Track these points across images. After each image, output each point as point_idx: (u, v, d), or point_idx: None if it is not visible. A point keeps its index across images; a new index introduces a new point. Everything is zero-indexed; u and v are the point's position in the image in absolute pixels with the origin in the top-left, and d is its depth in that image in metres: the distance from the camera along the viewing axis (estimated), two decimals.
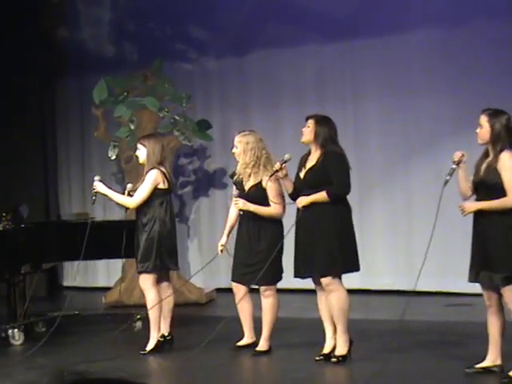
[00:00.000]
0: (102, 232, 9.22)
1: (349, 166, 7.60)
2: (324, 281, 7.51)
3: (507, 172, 6.58)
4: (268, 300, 8.05)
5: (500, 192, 6.60)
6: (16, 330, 8.89)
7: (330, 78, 11.99)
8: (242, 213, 8.07)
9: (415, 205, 11.48)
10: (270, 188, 7.95)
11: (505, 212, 6.60)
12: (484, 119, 6.74)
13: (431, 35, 11.32)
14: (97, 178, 8.53)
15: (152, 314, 8.29)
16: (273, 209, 7.95)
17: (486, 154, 6.78)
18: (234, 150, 8.13)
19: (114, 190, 8.84)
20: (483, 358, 6.88)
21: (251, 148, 7.99)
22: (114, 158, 12.14)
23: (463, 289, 9.82)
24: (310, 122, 7.65)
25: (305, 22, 12.01)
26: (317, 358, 7.63)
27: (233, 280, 8.22)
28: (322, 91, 11.95)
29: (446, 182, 6.84)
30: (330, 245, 7.43)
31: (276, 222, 8.02)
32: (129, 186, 8.57)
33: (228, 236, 8.30)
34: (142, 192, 8.26)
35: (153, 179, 8.25)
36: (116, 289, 11.78)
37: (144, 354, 8.21)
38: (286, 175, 7.68)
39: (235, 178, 8.20)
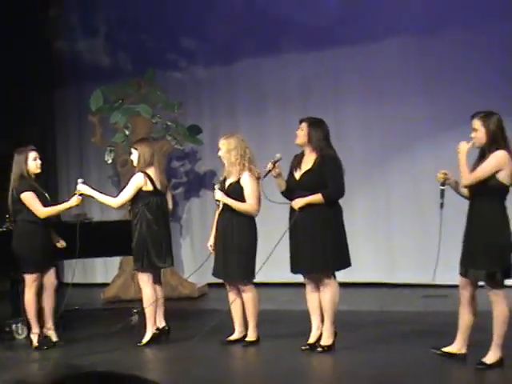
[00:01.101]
0: (99, 231, 9.18)
1: (343, 169, 7.57)
2: (320, 277, 7.51)
3: (487, 162, 6.50)
4: (247, 294, 8.04)
5: (497, 191, 6.53)
6: (20, 325, 8.88)
7: (312, 84, 11.98)
8: (218, 203, 8.02)
9: (393, 203, 11.49)
10: (247, 186, 7.91)
11: (494, 210, 6.54)
12: (478, 123, 6.61)
13: (406, 43, 11.31)
14: (80, 180, 8.47)
15: (148, 309, 8.26)
16: (247, 205, 7.92)
17: (482, 156, 6.67)
18: (219, 153, 8.09)
19: (109, 192, 8.82)
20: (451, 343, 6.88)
21: (234, 147, 7.96)
22: (110, 161, 12.14)
23: (441, 281, 9.82)
24: (304, 125, 7.61)
25: (288, 32, 12.01)
26: (303, 348, 7.61)
27: (213, 275, 8.20)
28: (305, 97, 11.93)
29: (442, 204, 6.85)
30: (325, 244, 7.44)
31: (249, 220, 7.98)
32: None
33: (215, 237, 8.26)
34: (124, 193, 8.31)
35: (135, 181, 8.26)
36: (114, 285, 11.78)
37: (140, 345, 8.18)
38: (280, 174, 7.66)
39: (221, 178, 8.17)
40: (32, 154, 8.43)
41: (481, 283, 6.72)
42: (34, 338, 8.35)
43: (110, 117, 11.70)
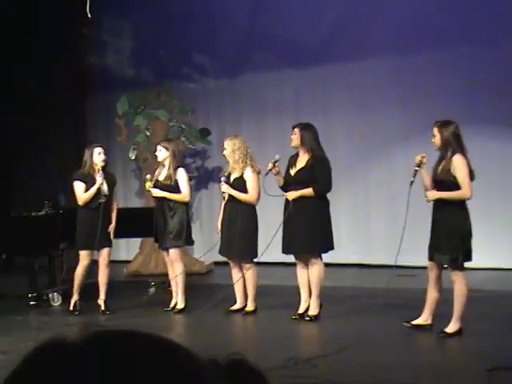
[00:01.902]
0: (123, 217, 9.15)
1: (331, 168, 7.57)
2: (308, 257, 7.52)
3: (459, 171, 6.53)
4: (248, 271, 8.03)
5: (452, 188, 6.54)
6: (55, 294, 8.88)
7: (304, 96, 11.96)
8: (224, 196, 8.00)
9: (372, 197, 11.49)
10: (249, 181, 7.90)
11: (455, 204, 6.55)
12: (435, 130, 6.68)
13: (384, 62, 11.29)
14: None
15: (182, 278, 8.27)
16: (249, 196, 7.91)
17: (441, 158, 6.70)
18: (224, 152, 8.07)
19: (132, 183, 8.77)
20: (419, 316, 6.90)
21: (238, 147, 7.95)
22: (133, 158, 12.16)
23: (410, 263, 9.83)
24: (296, 130, 7.62)
25: (284, 51, 11.99)
26: (293, 317, 7.62)
27: (219, 253, 8.19)
28: (298, 106, 11.91)
29: (412, 182, 6.84)
30: (313, 230, 7.46)
31: (251, 208, 7.97)
32: (148, 176, 8.43)
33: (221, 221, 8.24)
34: (185, 187, 8.18)
35: (185, 175, 8.24)
36: (135, 261, 11.77)
37: (175, 310, 8.24)
38: (279, 172, 7.67)
39: (226, 174, 8.14)
40: (97, 150, 8.27)
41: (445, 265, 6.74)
42: (71, 304, 8.33)
43: (133, 120, 11.71)
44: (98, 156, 8.22)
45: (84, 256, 8.21)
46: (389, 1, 11.34)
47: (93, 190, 8.12)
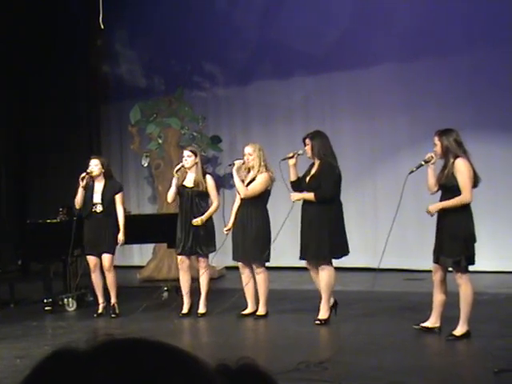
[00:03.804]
0: (136, 223, 9.15)
1: (337, 175, 7.54)
2: (318, 262, 7.51)
3: (461, 175, 6.51)
4: (260, 276, 8.00)
5: (456, 192, 6.53)
6: (70, 299, 8.90)
7: (313, 102, 11.97)
8: (232, 165, 8.00)
9: (379, 200, 11.45)
10: (258, 180, 7.88)
11: (459, 207, 6.53)
12: (436, 138, 6.67)
13: (391, 69, 11.29)
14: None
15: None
16: (246, 189, 7.84)
17: (444, 166, 6.69)
18: (248, 158, 7.95)
19: (145, 190, 8.79)
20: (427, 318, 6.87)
21: (261, 153, 7.95)
22: (146, 165, 12.18)
23: (418, 267, 9.81)
24: (307, 141, 7.62)
25: (293, 59, 11.99)
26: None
27: (234, 259, 8.19)
28: (306, 113, 11.92)
29: (411, 171, 6.83)
30: (321, 235, 7.46)
31: (264, 213, 7.94)
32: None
33: (233, 223, 8.21)
34: (217, 195, 8.28)
35: (214, 183, 8.28)
36: (148, 267, 11.77)
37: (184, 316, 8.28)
38: (295, 165, 7.65)
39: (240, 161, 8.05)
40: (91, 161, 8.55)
41: (450, 269, 6.72)
42: (100, 308, 8.47)
43: (146, 128, 11.75)
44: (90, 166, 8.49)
45: (88, 261, 8.50)
46: (393, 9, 11.33)
47: (78, 194, 8.47)
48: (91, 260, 8.48)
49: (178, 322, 8.10)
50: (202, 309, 8.25)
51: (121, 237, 8.35)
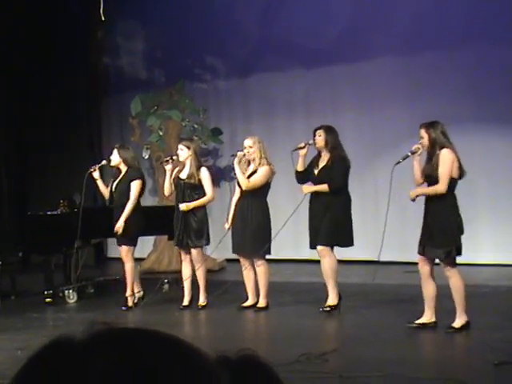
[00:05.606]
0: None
1: (348, 166, 7.70)
2: (320, 249, 7.53)
3: (442, 165, 6.52)
4: (260, 268, 8.01)
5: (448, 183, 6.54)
6: (71, 291, 8.89)
7: (314, 95, 11.95)
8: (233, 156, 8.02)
9: (380, 194, 11.42)
10: (259, 173, 7.87)
11: (447, 198, 6.52)
12: (422, 131, 6.73)
13: (393, 62, 11.28)
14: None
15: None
16: (246, 180, 7.83)
17: (430, 158, 6.70)
18: (249, 150, 7.94)
19: (147, 182, 8.81)
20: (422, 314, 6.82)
21: (261, 146, 7.95)
22: (146, 157, 12.17)
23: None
24: (321, 132, 7.67)
25: (294, 52, 11.96)
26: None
27: (233, 252, 8.19)
28: (308, 105, 11.91)
29: (398, 162, 6.90)
30: (331, 225, 7.52)
31: (264, 205, 7.93)
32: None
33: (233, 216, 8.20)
34: (211, 187, 8.23)
35: (209, 175, 8.23)
36: (149, 259, 11.77)
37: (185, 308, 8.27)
38: (305, 155, 7.73)
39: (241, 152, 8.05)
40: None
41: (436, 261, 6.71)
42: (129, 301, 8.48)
43: (146, 120, 11.75)
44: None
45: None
46: (394, 2, 11.31)
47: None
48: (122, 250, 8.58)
49: (179, 314, 8.10)
50: (202, 301, 8.24)
51: (117, 226, 8.31)
